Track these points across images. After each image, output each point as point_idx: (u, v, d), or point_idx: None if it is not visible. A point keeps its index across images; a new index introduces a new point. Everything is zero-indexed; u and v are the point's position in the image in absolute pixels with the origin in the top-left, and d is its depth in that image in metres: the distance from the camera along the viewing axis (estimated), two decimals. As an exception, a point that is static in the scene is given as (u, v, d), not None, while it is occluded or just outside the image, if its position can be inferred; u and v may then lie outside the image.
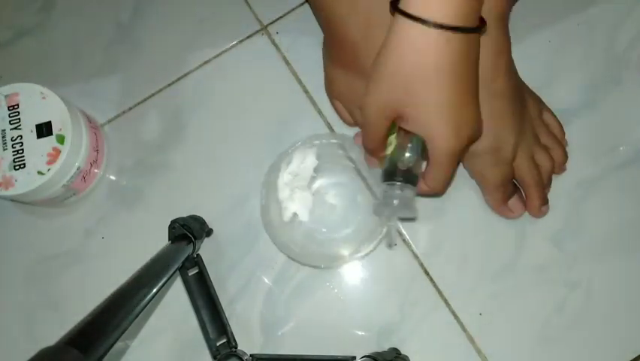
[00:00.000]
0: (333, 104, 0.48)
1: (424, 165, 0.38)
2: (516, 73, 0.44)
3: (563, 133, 0.46)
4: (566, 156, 0.46)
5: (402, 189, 0.37)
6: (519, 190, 0.45)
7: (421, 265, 0.45)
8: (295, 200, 0.45)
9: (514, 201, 0.45)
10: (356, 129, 0.48)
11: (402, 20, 0.31)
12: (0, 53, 0.53)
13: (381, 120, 0.35)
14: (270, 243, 0.44)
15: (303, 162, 0.44)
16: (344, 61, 0.44)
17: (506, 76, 0.42)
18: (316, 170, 0.45)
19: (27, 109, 0.43)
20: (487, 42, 0.40)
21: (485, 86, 0.41)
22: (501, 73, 0.41)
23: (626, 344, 0.43)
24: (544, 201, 0.45)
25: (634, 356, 0.43)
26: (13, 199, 0.43)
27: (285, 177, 0.44)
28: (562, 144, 0.46)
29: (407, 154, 0.37)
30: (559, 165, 0.45)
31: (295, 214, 0.45)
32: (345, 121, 0.48)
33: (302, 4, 0.51)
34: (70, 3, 0.53)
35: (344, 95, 0.46)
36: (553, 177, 0.46)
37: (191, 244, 0.41)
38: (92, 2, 0.53)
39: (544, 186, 0.45)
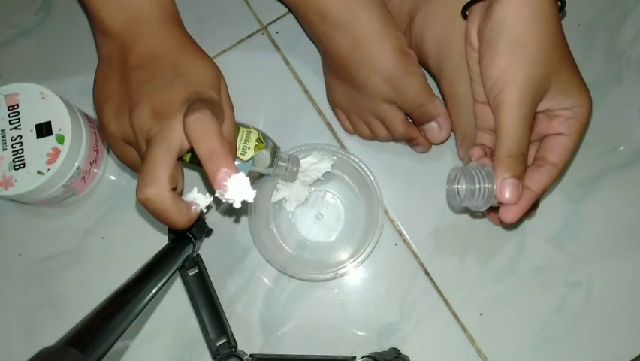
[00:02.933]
0: (334, 111, 0.48)
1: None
2: None
3: None
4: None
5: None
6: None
7: (421, 265, 0.45)
8: (292, 188, 0.45)
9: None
10: (356, 138, 0.48)
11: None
12: (0, 52, 0.53)
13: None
14: (271, 243, 0.44)
15: (318, 163, 0.44)
16: (337, 73, 0.44)
17: None
18: (325, 176, 0.45)
19: (27, 109, 0.43)
20: None
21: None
22: None
23: (626, 344, 0.43)
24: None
25: (634, 357, 0.43)
26: (12, 199, 0.43)
27: None
28: None
29: None
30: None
31: (284, 199, 0.46)
32: (345, 129, 0.48)
33: (302, 4, 0.51)
34: (69, 2, 0.53)
35: (343, 104, 0.46)
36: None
37: (191, 244, 0.41)
38: (92, 2, 0.53)
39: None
